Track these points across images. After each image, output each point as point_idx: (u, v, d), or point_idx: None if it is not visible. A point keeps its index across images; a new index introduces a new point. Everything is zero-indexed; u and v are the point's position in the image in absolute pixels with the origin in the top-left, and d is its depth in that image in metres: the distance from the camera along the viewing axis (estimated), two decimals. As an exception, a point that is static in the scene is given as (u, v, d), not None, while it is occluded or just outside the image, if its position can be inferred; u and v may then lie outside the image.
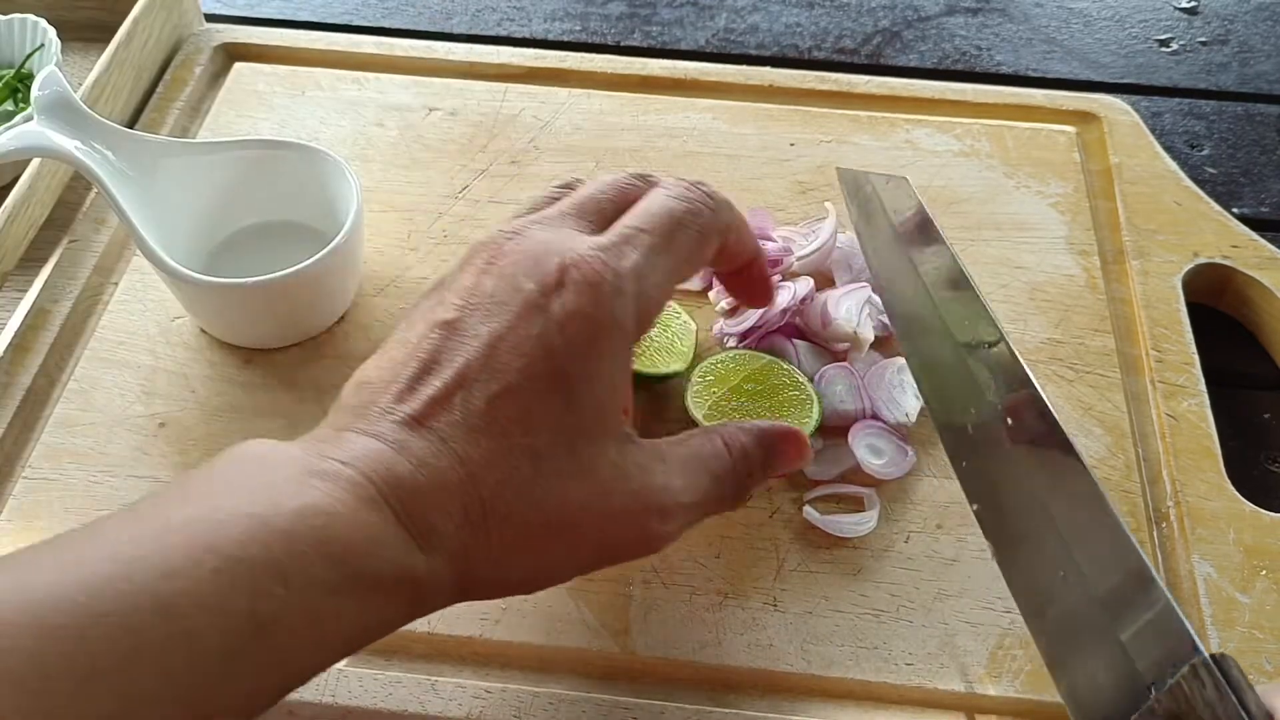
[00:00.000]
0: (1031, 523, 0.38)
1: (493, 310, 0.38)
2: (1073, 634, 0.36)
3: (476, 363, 0.37)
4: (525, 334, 0.37)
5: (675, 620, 0.46)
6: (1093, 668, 0.35)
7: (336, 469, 0.34)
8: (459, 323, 0.38)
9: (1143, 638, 0.34)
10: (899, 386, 0.52)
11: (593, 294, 0.38)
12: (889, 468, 0.50)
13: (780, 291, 0.54)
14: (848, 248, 0.57)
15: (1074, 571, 0.36)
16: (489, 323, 0.38)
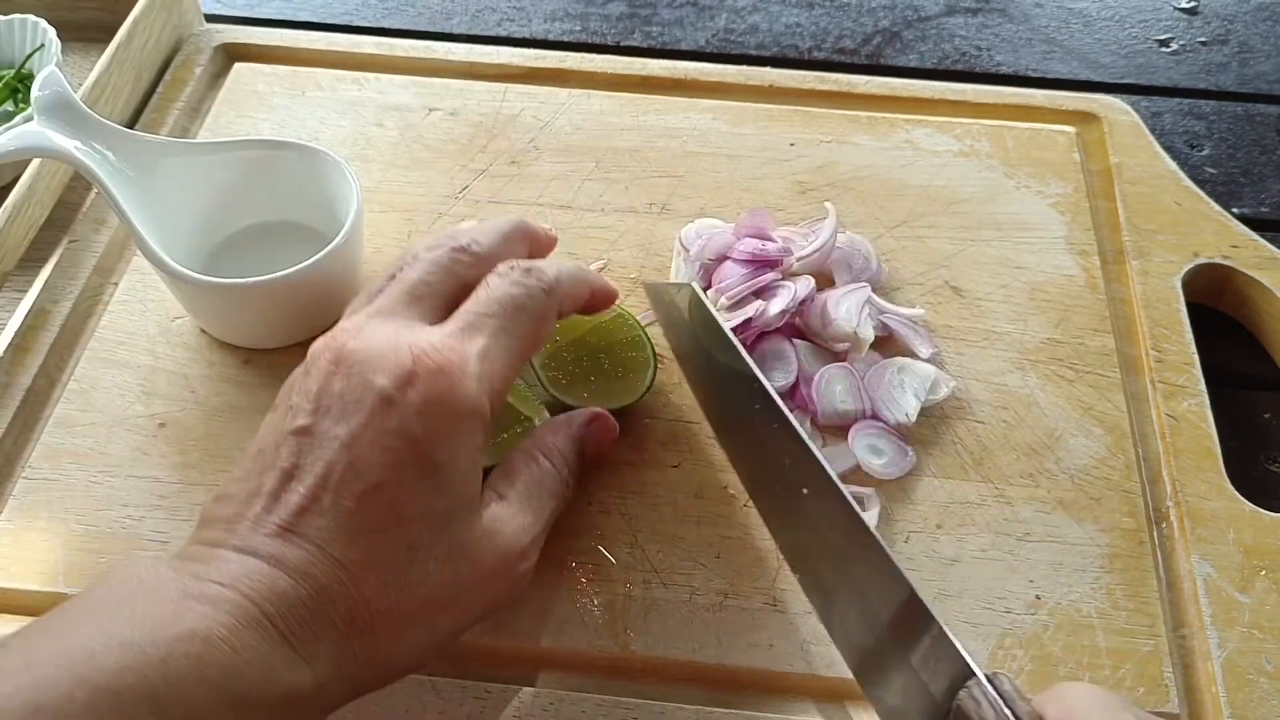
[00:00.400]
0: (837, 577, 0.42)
1: (347, 410, 0.38)
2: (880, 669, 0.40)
3: (339, 464, 0.37)
4: (383, 428, 0.37)
5: (675, 620, 0.46)
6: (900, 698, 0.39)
7: (215, 591, 0.34)
8: (314, 428, 0.38)
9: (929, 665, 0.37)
10: (899, 387, 0.52)
11: (446, 381, 0.38)
12: (889, 468, 0.50)
13: (780, 292, 0.54)
14: (847, 248, 0.57)
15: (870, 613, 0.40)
16: (345, 423, 0.38)
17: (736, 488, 0.50)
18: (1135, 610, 0.47)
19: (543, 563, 0.47)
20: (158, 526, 0.48)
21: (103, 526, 0.48)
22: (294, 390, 0.40)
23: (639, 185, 0.62)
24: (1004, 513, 0.50)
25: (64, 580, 0.46)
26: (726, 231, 0.57)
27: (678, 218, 0.61)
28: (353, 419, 0.38)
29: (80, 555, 0.47)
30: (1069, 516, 0.50)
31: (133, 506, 0.49)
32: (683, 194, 0.62)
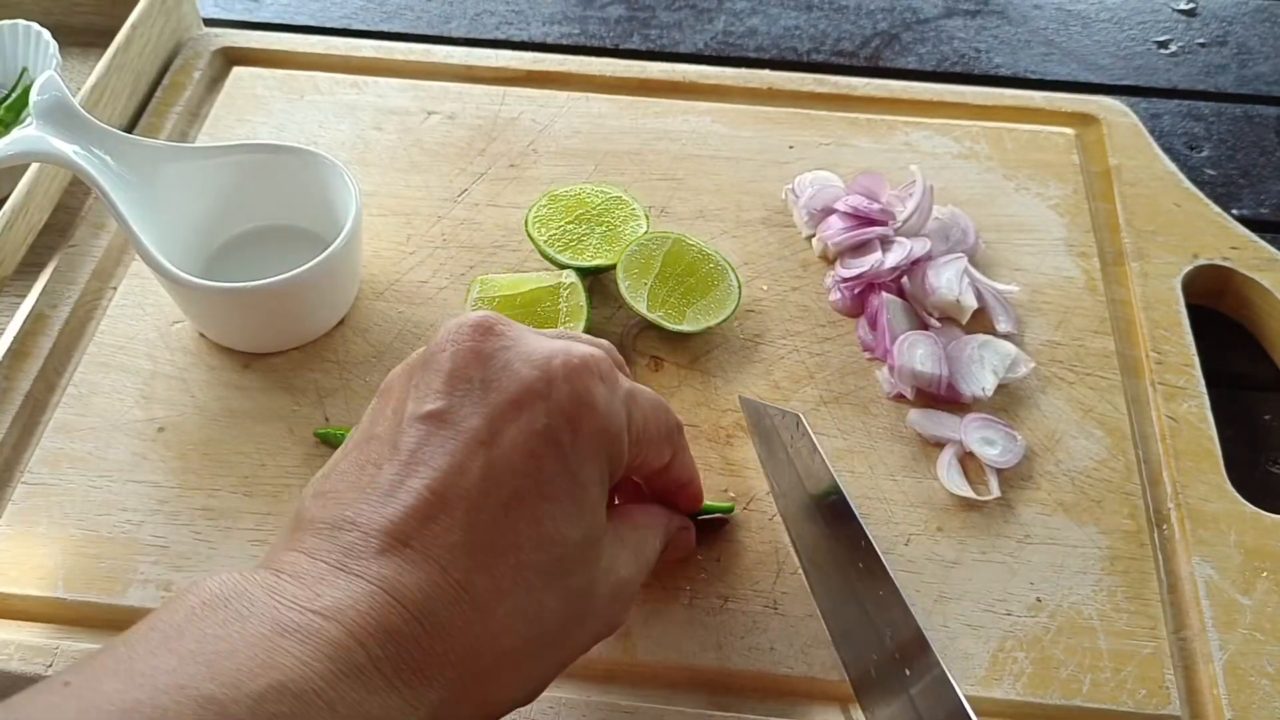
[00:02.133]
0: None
1: (488, 398, 0.33)
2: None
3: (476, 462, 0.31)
4: (530, 427, 0.32)
5: (676, 624, 0.46)
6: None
7: (315, 626, 0.28)
8: (446, 414, 0.32)
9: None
10: (978, 362, 0.53)
11: (600, 389, 0.34)
12: (1005, 456, 0.51)
13: (895, 246, 0.57)
14: (947, 219, 0.59)
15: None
16: (484, 412, 0.32)
17: (736, 489, 0.50)
18: (1136, 612, 0.47)
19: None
20: (157, 531, 0.48)
21: (102, 531, 0.48)
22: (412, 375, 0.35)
23: (638, 188, 0.62)
24: (1005, 515, 0.50)
25: (63, 585, 0.46)
26: (839, 186, 0.60)
27: (677, 220, 0.61)
28: (495, 408, 0.32)
29: (79, 560, 0.47)
30: (1070, 518, 0.50)
31: (132, 511, 0.49)
32: (681, 196, 0.62)
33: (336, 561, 0.30)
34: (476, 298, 0.54)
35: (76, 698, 0.26)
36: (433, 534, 0.30)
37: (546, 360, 0.34)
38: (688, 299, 0.55)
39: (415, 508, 0.31)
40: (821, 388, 0.54)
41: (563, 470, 0.33)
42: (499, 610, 0.31)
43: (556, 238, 0.56)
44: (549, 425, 0.33)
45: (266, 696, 0.26)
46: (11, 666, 0.44)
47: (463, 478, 0.31)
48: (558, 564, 0.32)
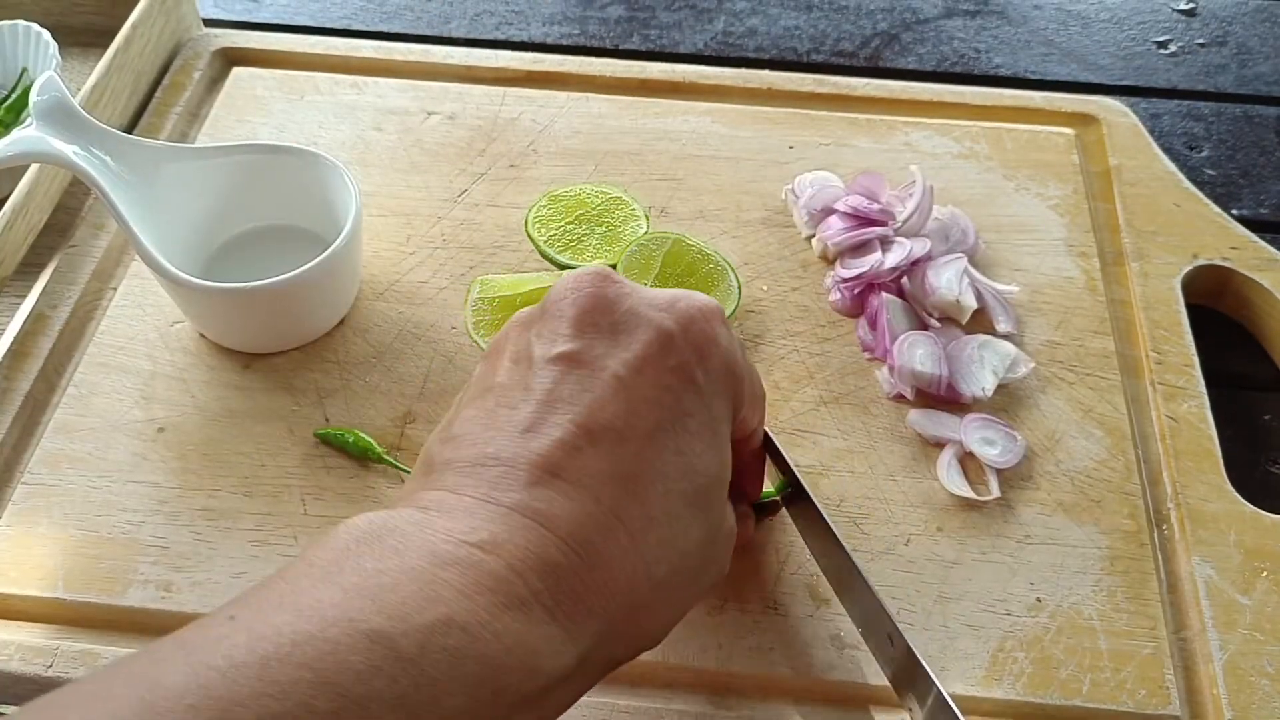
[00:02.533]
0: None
1: (619, 338, 0.33)
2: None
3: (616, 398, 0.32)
4: (664, 364, 0.33)
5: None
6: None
7: (474, 558, 0.28)
8: (579, 355, 0.33)
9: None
10: (978, 362, 0.53)
11: (720, 329, 0.36)
12: (1005, 456, 0.51)
13: (895, 247, 0.57)
14: (947, 219, 0.59)
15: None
16: (618, 352, 0.33)
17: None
18: (1136, 612, 0.47)
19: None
20: (157, 531, 0.48)
21: (102, 531, 0.48)
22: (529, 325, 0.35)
23: (638, 188, 0.62)
24: (1005, 515, 0.50)
25: (63, 585, 0.46)
26: (839, 186, 0.60)
27: (676, 220, 0.61)
28: (628, 348, 0.33)
29: (79, 560, 0.47)
30: (1069, 519, 0.50)
31: (132, 511, 0.49)
32: (681, 197, 0.62)
33: (484, 495, 0.30)
34: (476, 298, 0.54)
35: (245, 630, 0.26)
36: (582, 464, 0.31)
37: (671, 303, 0.35)
38: None
39: (562, 440, 0.31)
40: (821, 388, 0.54)
41: (699, 404, 0.34)
42: (651, 538, 0.31)
43: (556, 238, 0.56)
44: (682, 362, 0.34)
45: (434, 629, 0.26)
46: (11, 667, 0.44)
47: (605, 412, 0.32)
48: (700, 494, 0.33)
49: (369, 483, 0.50)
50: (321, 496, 0.49)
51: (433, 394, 0.53)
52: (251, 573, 0.47)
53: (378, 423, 0.52)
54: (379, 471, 0.50)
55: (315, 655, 0.25)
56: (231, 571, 0.47)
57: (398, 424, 0.52)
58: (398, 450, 0.51)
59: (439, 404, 0.53)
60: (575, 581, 0.29)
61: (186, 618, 0.45)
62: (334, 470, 0.50)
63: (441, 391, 0.53)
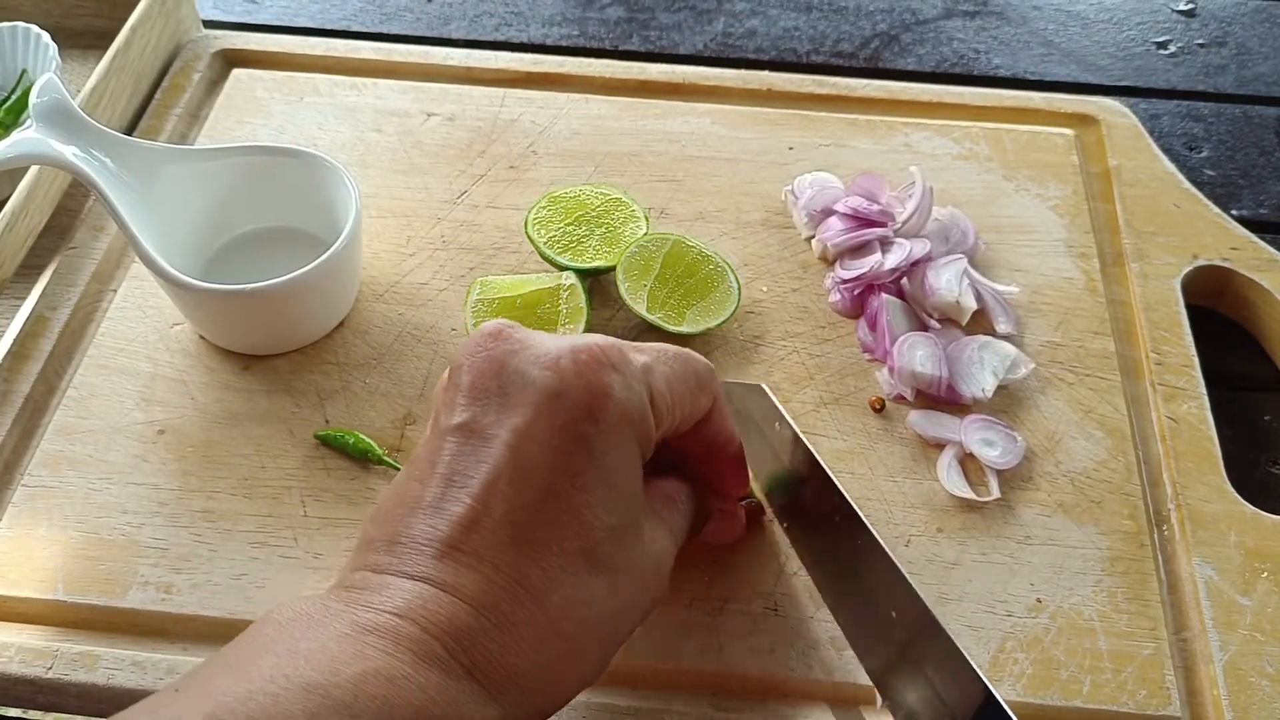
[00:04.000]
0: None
1: (508, 403, 0.35)
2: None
3: (505, 465, 0.33)
4: (551, 425, 0.34)
5: (676, 625, 0.46)
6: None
7: (392, 624, 0.31)
8: (471, 424, 0.35)
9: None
10: (978, 363, 0.53)
11: (613, 377, 0.35)
12: (1005, 457, 0.51)
13: (894, 248, 0.57)
14: (947, 220, 0.59)
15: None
16: (507, 418, 0.34)
17: (737, 492, 0.50)
18: (1136, 613, 0.47)
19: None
20: (157, 533, 0.48)
21: (102, 533, 0.48)
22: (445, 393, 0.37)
23: (637, 189, 0.62)
24: (1005, 516, 0.50)
25: (63, 588, 0.46)
26: (839, 187, 0.60)
27: (676, 222, 0.61)
28: (515, 413, 0.34)
29: (79, 562, 0.47)
30: (1070, 519, 0.50)
31: (132, 513, 0.49)
32: (681, 198, 0.62)
33: (398, 571, 0.32)
34: (476, 299, 0.54)
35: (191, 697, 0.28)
36: (479, 537, 0.33)
37: (555, 360, 0.35)
38: (687, 300, 0.55)
39: (460, 516, 0.33)
40: (821, 389, 0.54)
41: (590, 461, 0.34)
42: (554, 598, 0.33)
43: (556, 239, 0.56)
44: (568, 420, 0.34)
45: (364, 679, 0.29)
46: (11, 669, 0.44)
47: (498, 483, 0.33)
48: (599, 548, 0.34)
49: (369, 484, 0.50)
50: (321, 498, 0.49)
51: (433, 395, 0.53)
52: (251, 574, 0.47)
53: (378, 424, 0.52)
54: (379, 473, 0.50)
55: (258, 708, 0.27)
56: (231, 573, 0.47)
57: (398, 425, 0.52)
58: (398, 452, 0.51)
59: (439, 405, 0.53)
60: (487, 642, 0.32)
61: (186, 619, 0.45)
62: (334, 472, 0.50)
63: (441, 393, 0.53)
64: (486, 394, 0.35)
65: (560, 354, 0.36)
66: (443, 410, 0.36)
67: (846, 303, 0.57)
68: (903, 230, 0.58)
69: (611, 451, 0.35)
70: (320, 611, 0.31)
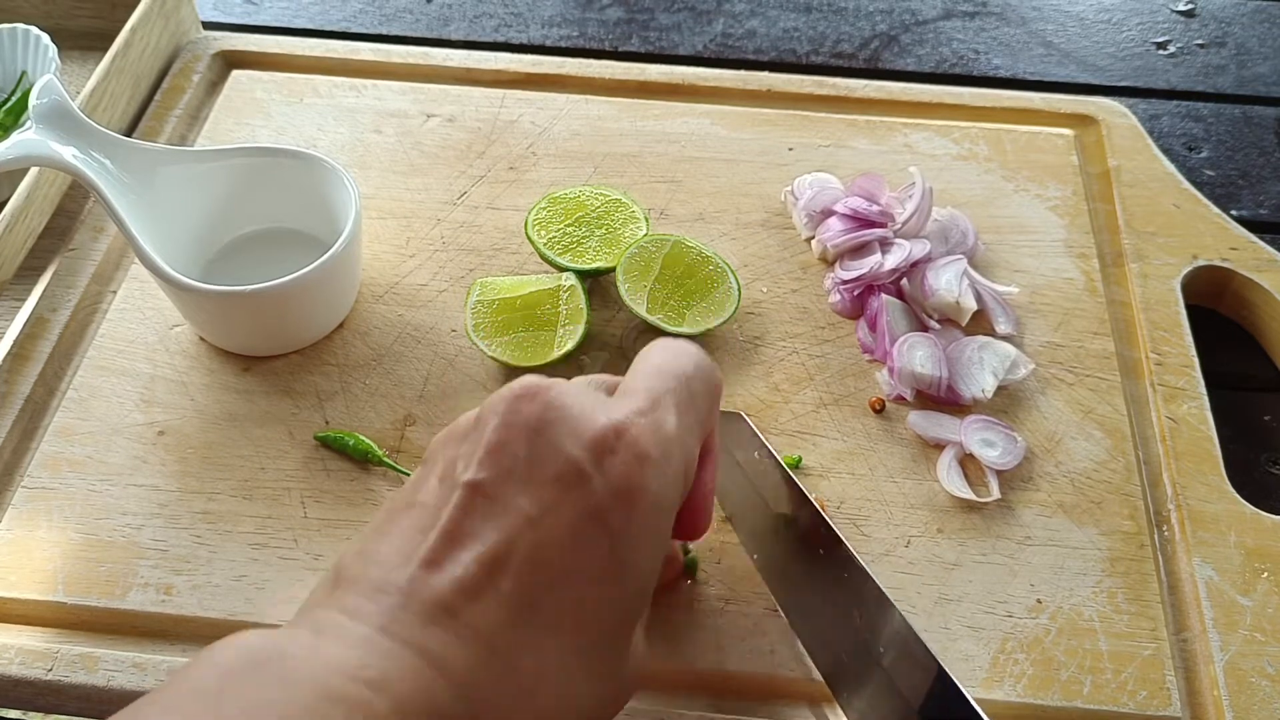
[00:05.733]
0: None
1: (534, 475, 0.32)
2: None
3: (523, 540, 0.31)
4: (578, 508, 0.32)
5: (676, 626, 0.46)
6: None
7: (363, 697, 0.27)
8: (490, 488, 0.32)
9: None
10: (978, 364, 0.53)
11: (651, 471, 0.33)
12: (1005, 458, 0.51)
13: (894, 249, 0.57)
14: (946, 220, 0.59)
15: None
16: (531, 491, 0.32)
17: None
18: (1137, 614, 0.47)
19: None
20: (157, 535, 0.48)
21: (102, 535, 0.48)
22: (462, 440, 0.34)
23: (637, 190, 0.62)
24: (1005, 517, 0.50)
25: (63, 589, 0.46)
26: (838, 188, 0.60)
27: (676, 222, 0.61)
28: (542, 489, 0.32)
29: (79, 564, 0.47)
30: (1070, 520, 0.50)
31: (132, 515, 0.49)
32: (681, 199, 0.62)
33: (379, 625, 0.29)
34: (476, 300, 0.54)
35: None
36: (480, 609, 0.30)
37: (597, 440, 0.33)
38: (687, 301, 0.55)
39: (462, 580, 0.30)
40: (821, 389, 0.54)
41: (611, 555, 0.32)
42: (544, 691, 0.30)
43: (556, 240, 0.56)
44: (597, 508, 0.32)
45: None
46: (11, 670, 0.44)
47: (510, 555, 0.31)
48: (599, 646, 0.32)
49: (369, 485, 0.50)
50: (321, 499, 0.49)
51: (432, 397, 0.53)
52: (251, 575, 0.47)
53: (377, 425, 0.52)
54: (379, 474, 0.50)
55: None
56: (232, 575, 0.47)
57: (398, 427, 0.52)
58: (398, 453, 0.51)
59: (439, 407, 0.53)
60: None
61: (186, 620, 0.45)
62: (334, 473, 0.50)
63: (441, 394, 0.53)
64: (514, 458, 0.32)
65: (603, 433, 0.33)
66: (460, 459, 0.33)
67: (846, 303, 0.57)
68: (902, 231, 0.58)
69: (636, 549, 0.33)
70: (282, 661, 0.28)
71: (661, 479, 0.33)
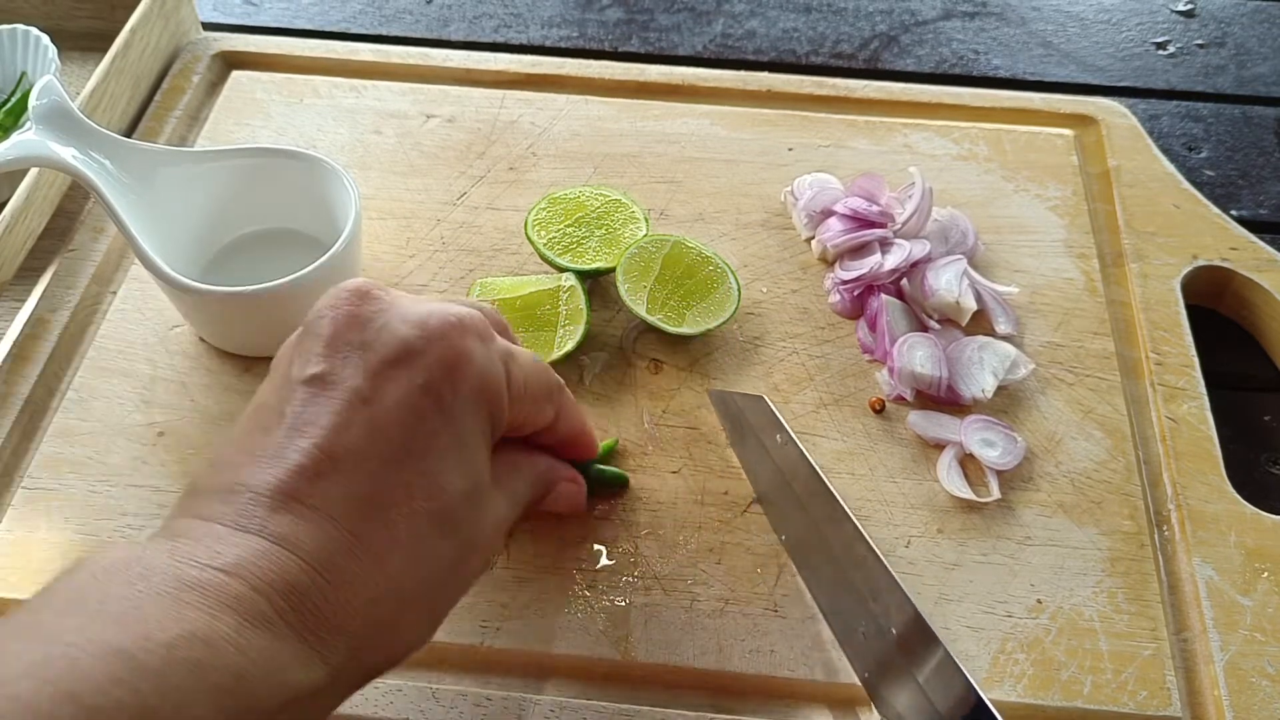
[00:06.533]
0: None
1: (367, 358, 0.34)
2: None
3: (359, 419, 0.32)
4: (410, 384, 0.33)
5: (676, 626, 0.46)
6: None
7: (217, 580, 0.29)
8: (327, 375, 0.33)
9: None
10: (978, 364, 0.53)
11: (476, 345, 0.35)
12: (1005, 458, 0.51)
13: (894, 249, 0.57)
14: (946, 220, 0.59)
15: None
16: (364, 371, 0.33)
17: (736, 493, 0.50)
18: (1137, 614, 0.47)
19: (543, 570, 0.47)
20: (157, 535, 0.48)
21: (102, 535, 0.48)
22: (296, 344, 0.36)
23: (637, 191, 0.62)
24: (1005, 517, 0.50)
25: (63, 590, 0.46)
26: (838, 188, 0.60)
27: (676, 223, 0.61)
28: (375, 368, 0.33)
29: (79, 565, 0.47)
30: (1070, 520, 0.50)
31: (132, 515, 0.49)
32: (681, 199, 0.62)
33: (231, 522, 0.31)
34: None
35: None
36: (323, 490, 0.31)
37: (423, 320, 0.35)
38: (687, 301, 0.55)
39: (304, 466, 0.31)
40: (821, 390, 0.54)
41: (445, 423, 0.34)
42: (395, 558, 0.32)
43: (556, 240, 0.56)
44: (429, 380, 0.34)
45: (177, 644, 0.27)
46: (12, 671, 0.44)
47: (348, 435, 0.32)
48: (446, 512, 0.34)
49: (369, 486, 0.50)
50: (321, 500, 0.49)
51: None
52: (252, 576, 0.47)
53: (378, 426, 0.52)
54: (379, 475, 0.50)
55: (55, 674, 0.25)
56: (232, 575, 0.47)
57: (398, 427, 0.52)
58: (398, 453, 0.51)
59: (439, 407, 0.53)
60: (320, 600, 0.30)
61: (187, 622, 0.45)
62: (334, 473, 0.50)
63: (441, 394, 0.53)
64: (347, 346, 0.34)
65: (428, 315, 0.35)
66: (296, 359, 0.35)
67: (846, 303, 0.57)
68: (902, 231, 0.58)
69: (468, 417, 0.35)
70: (139, 564, 0.29)
71: (488, 360, 0.36)
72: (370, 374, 0.33)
